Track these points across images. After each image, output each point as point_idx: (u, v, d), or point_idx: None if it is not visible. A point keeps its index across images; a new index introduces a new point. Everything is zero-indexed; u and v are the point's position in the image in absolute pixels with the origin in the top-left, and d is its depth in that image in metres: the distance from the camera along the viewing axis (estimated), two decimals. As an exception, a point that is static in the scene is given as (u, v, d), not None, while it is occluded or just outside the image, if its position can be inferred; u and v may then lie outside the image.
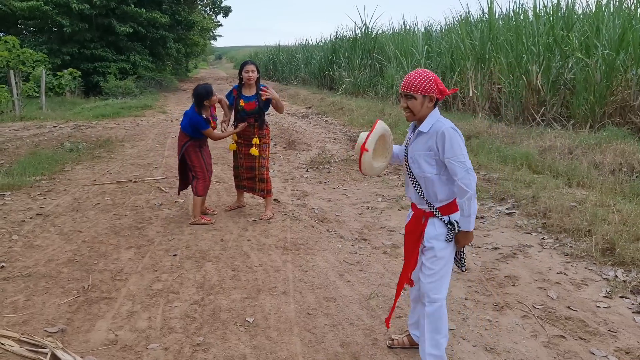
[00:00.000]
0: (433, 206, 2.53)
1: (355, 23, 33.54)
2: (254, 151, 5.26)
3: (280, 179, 7.30)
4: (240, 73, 5.26)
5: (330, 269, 4.15)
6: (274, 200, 6.11)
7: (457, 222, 2.50)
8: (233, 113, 5.34)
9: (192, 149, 5.21)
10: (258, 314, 3.39)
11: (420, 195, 2.56)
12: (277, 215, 5.57)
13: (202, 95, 5.03)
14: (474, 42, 12.51)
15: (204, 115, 5.10)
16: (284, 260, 4.31)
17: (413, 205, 2.66)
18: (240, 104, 5.17)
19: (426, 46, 14.60)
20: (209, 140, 5.42)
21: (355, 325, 3.26)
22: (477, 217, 5.35)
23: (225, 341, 3.06)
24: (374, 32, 19.65)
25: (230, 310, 3.44)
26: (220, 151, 9.20)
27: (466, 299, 3.63)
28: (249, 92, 5.24)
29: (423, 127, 2.47)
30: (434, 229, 2.54)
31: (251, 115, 5.20)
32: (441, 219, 2.52)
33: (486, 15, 12.98)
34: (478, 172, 6.97)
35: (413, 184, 2.58)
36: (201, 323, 3.28)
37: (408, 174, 2.62)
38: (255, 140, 5.25)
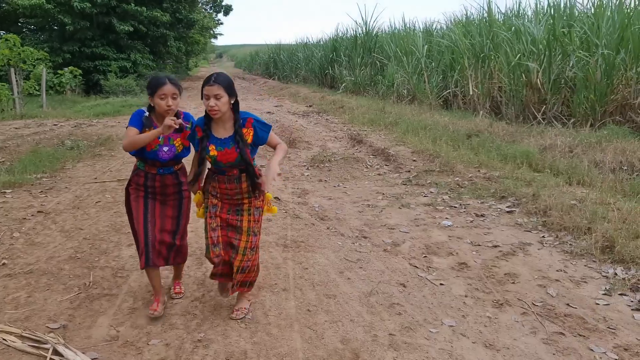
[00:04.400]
0: None
1: (355, 22, 33.53)
2: (244, 222, 3.18)
3: (280, 177, 7.29)
4: (202, 97, 3.00)
5: (331, 266, 4.16)
6: (275, 198, 6.12)
7: None
8: (199, 165, 3.24)
9: (133, 186, 3.33)
10: (258, 311, 3.41)
11: None
12: (277, 213, 5.58)
13: (148, 87, 3.15)
14: (472, 41, 12.52)
15: (145, 114, 3.21)
16: (285, 258, 4.32)
17: None
18: (211, 152, 3.03)
19: (426, 45, 14.60)
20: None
21: (355, 321, 3.27)
22: (477, 215, 5.38)
23: (226, 337, 3.08)
24: (375, 31, 19.66)
25: (231, 307, 3.45)
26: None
27: (466, 296, 3.64)
28: (223, 130, 3.07)
29: None
30: None
31: (233, 168, 3.10)
32: None
33: (485, 14, 12.98)
34: (478, 171, 6.99)
35: None
36: (202, 319, 3.30)
37: None
38: (245, 206, 3.19)
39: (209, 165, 3.23)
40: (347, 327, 3.20)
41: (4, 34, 18.20)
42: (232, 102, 3.01)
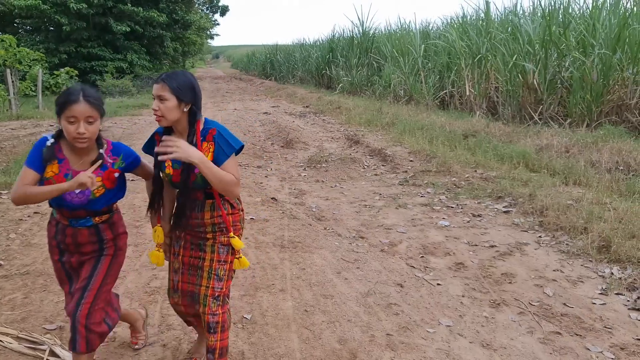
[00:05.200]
0: None
1: (352, 22, 33.58)
2: (206, 261, 2.47)
3: (277, 177, 7.30)
4: None
5: (328, 266, 4.16)
6: (272, 199, 6.12)
7: None
8: (154, 184, 2.55)
9: (48, 242, 2.57)
10: (256, 311, 3.40)
11: None
12: (274, 214, 5.58)
13: (55, 103, 2.28)
14: (469, 41, 12.55)
15: (49, 141, 2.34)
16: (282, 258, 4.32)
17: None
18: (167, 169, 2.43)
19: (423, 45, 14.63)
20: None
21: (353, 322, 3.27)
22: (474, 215, 5.39)
23: (223, 338, 3.07)
24: (371, 32, 19.68)
25: (232, 306, 3.44)
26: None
27: (463, 296, 3.65)
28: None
29: None
30: None
31: (197, 190, 2.42)
32: None
33: (482, 15, 13.02)
34: (475, 171, 7.01)
35: None
36: (199, 320, 3.29)
37: None
38: (209, 242, 2.47)
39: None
40: (344, 328, 3.20)
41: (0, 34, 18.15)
42: (186, 109, 2.30)
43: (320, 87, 22.24)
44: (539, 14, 11.46)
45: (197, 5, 34.71)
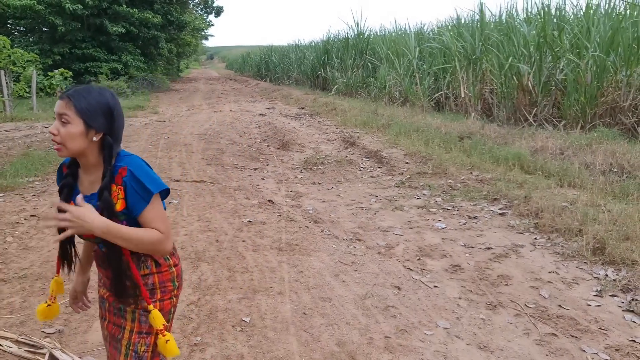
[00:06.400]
0: None
1: (347, 24, 33.66)
2: (125, 332, 1.84)
3: (274, 179, 7.32)
4: None
5: (326, 269, 4.19)
6: (269, 201, 6.14)
7: None
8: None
9: None
10: (254, 314, 3.42)
11: None
12: (271, 217, 5.60)
13: None
14: (464, 43, 12.61)
15: None
16: (280, 261, 4.34)
17: None
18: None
19: (418, 47, 14.68)
20: None
21: (351, 324, 3.30)
22: (470, 217, 5.42)
23: (222, 341, 3.09)
24: (367, 33, 19.74)
25: (226, 310, 3.47)
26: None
27: (460, 298, 3.68)
28: (88, 183, 1.78)
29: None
30: None
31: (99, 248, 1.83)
32: None
33: (477, 17, 13.08)
34: (471, 173, 7.05)
35: None
36: (198, 323, 3.30)
37: None
38: (130, 307, 1.84)
39: None
40: (342, 330, 3.22)
41: (-7, 35, 18.09)
42: (96, 139, 1.69)
43: (316, 88, 22.27)
44: (534, 15, 11.53)
45: (191, 7, 34.67)
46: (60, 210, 1.64)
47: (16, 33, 22.32)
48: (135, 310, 1.82)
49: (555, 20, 10.70)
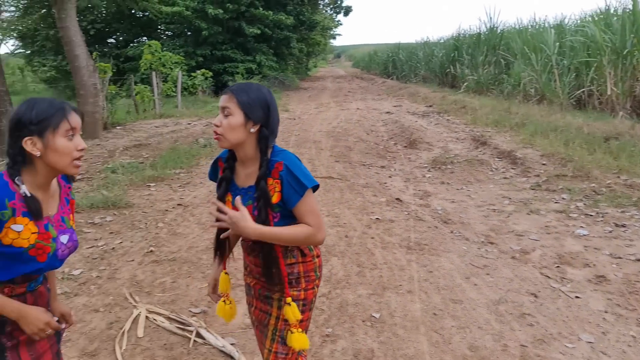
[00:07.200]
0: None
1: (479, 19, 32.40)
2: (272, 319, 1.94)
3: (401, 178, 7.29)
4: None
5: (456, 270, 4.09)
6: (396, 199, 6.13)
7: None
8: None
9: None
10: (384, 311, 3.45)
11: None
12: (399, 215, 5.58)
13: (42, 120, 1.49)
14: (613, 35, 11.56)
15: (22, 189, 1.50)
16: (409, 260, 4.32)
17: None
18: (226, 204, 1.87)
19: (557, 42, 13.72)
20: None
21: (484, 329, 3.20)
22: (617, 225, 4.99)
23: (352, 334, 3.16)
24: (500, 27, 18.87)
25: (356, 305, 3.53)
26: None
27: (605, 312, 3.40)
28: (244, 175, 1.89)
29: None
30: None
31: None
32: None
33: (630, 7, 11.92)
34: (618, 177, 6.46)
35: None
36: (329, 315, 3.41)
37: None
38: (276, 295, 1.92)
39: None
40: (475, 334, 3.14)
41: (147, 40, 20.02)
42: (253, 130, 1.78)
43: (444, 86, 21.76)
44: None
45: (321, 7, 35.56)
46: (219, 210, 1.79)
47: (165, 37, 24.48)
48: (282, 297, 1.89)
49: None
